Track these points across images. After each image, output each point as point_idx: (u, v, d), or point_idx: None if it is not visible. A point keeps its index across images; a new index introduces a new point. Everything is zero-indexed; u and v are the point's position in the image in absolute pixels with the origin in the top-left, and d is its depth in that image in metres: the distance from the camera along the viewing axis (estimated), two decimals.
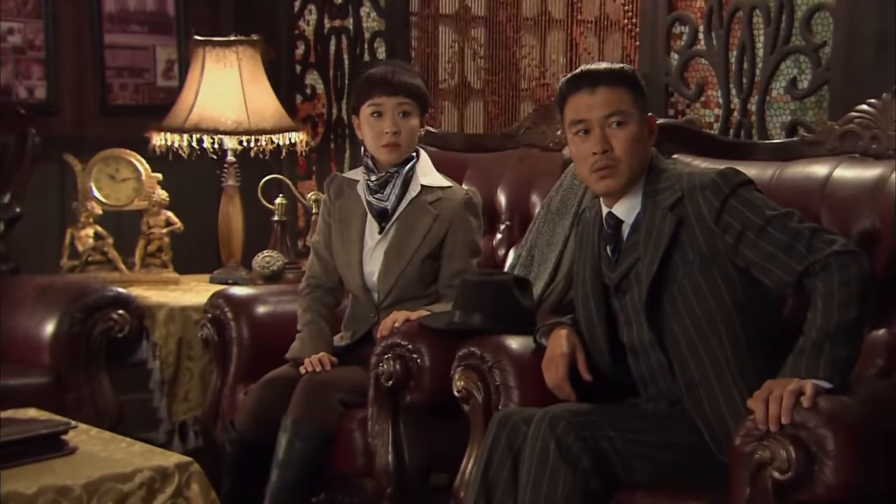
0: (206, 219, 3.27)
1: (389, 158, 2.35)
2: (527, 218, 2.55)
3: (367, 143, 2.36)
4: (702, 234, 1.77)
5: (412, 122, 2.34)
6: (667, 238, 1.78)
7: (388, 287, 2.36)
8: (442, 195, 2.37)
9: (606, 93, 1.82)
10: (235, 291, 2.67)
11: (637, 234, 1.83)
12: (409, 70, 2.38)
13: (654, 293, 1.78)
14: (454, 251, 2.34)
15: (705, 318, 1.76)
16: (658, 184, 1.83)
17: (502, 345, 2.03)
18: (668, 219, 1.79)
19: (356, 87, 2.37)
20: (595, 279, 1.89)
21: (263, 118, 3.11)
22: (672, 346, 1.79)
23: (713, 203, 1.77)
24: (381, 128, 2.31)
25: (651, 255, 1.79)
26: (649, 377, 1.86)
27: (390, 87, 2.31)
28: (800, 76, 2.51)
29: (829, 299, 1.65)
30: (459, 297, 2.17)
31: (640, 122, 1.85)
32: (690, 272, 1.77)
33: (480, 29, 3.22)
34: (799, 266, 1.71)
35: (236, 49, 3.12)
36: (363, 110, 2.34)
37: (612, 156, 1.83)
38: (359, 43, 3.52)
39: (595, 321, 1.89)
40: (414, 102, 2.33)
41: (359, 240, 2.38)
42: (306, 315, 2.43)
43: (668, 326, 1.79)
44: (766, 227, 1.74)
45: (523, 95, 3.14)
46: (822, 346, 1.64)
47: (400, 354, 2.17)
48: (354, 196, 2.42)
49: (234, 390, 2.56)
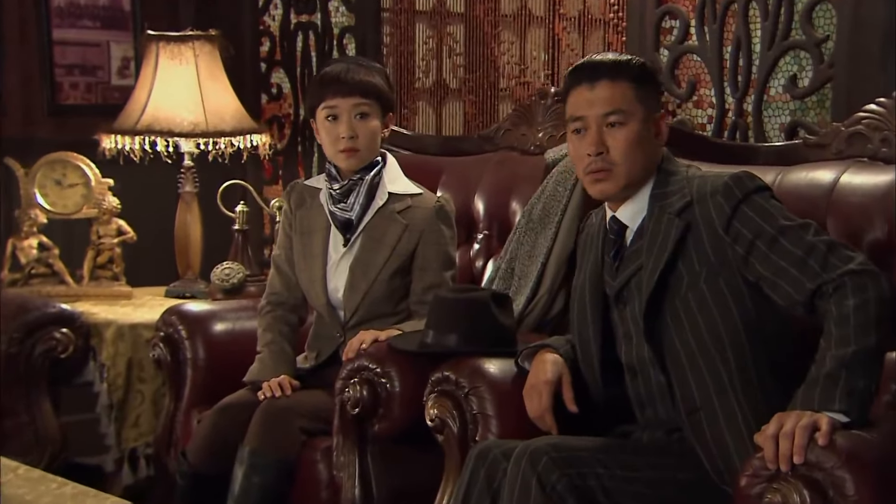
0: (162, 228, 3.17)
1: (348, 164, 2.24)
2: (506, 227, 2.48)
3: (324, 148, 2.25)
4: (710, 241, 1.68)
5: (371, 124, 2.22)
6: (672, 245, 1.68)
7: (355, 304, 2.25)
8: (412, 203, 2.26)
9: (607, 87, 1.73)
10: (190, 307, 2.55)
11: (641, 240, 1.74)
12: (367, 66, 2.25)
13: (654, 305, 1.69)
14: (426, 264, 2.23)
15: (709, 334, 1.67)
16: (667, 187, 1.74)
17: (480, 369, 1.93)
18: (674, 224, 1.70)
19: (310, 87, 2.27)
20: (595, 288, 1.80)
21: (222, 119, 3.01)
22: (672, 363, 1.69)
23: (724, 209, 1.67)
24: (338, 132, 2.20)
25: (654, 263, 1.70)
26: (647, 399, 1.76)
27: (345, 87, 2.19)
28: (800, 73, 2.42)
29: (843, 324, 1.54)
30: (432, 315, 2.06)
31: (644, 122, 1.75)
32: (695, 283, 1.68)
33: (458, 25, 3.13)
34: (811, 284, 1.61)
35: (192, 45, 3.01)
36: (318, 113, 2.23)
37: (608, 158, 1.73)
38: (327, 39, 3.43)
39: (590, 336, 1.80)
40: (373, 102, 2.21)
41: (322, 253, 2.27)
42: (266, 335, 2.31)
43: (669, 342, 1.69)
44: (779, 238, 1.64)
45: (502, 95, 3.07)
46: (838, 376, 1.52)
47: (367, 379, 2.06)
48: (317, 206, 2.30)
49: (188, 415, 2.45)
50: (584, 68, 1.76)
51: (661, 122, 1.76)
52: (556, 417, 1.81)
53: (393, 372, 2.04)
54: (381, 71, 2.28)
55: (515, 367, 1.93)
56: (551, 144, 2.49)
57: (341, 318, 2.28)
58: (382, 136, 2.27)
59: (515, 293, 2.32)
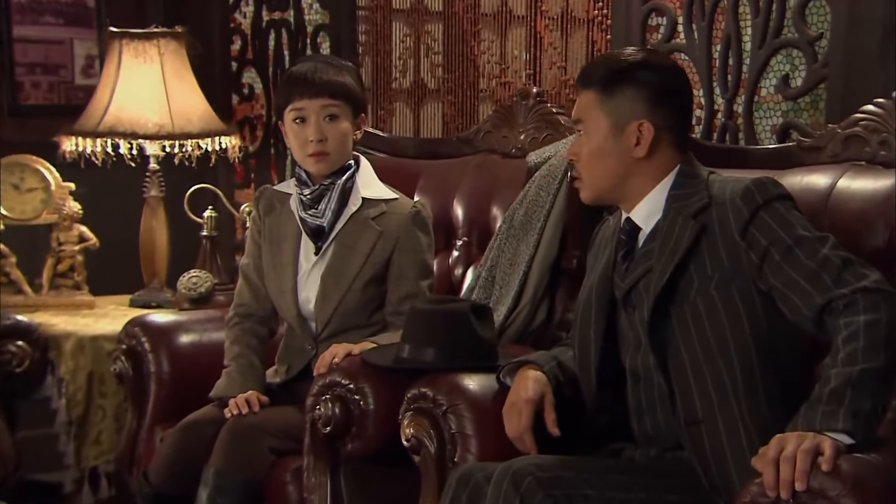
0: (126, 234, 3.08)
1: (318, 169, 2.17)
2: (487, 233, 2.42)
3: (293, 152, 2.19)
4: (725, 246, 1.63)
5: (341, 126, 2.15)
6: (685, 247, 1.63)
7: (327, 316, 2.18)
8: (386, 209, 2.19)
9: (581, 96, 1.72)
10: (154, 318, 2.48)
11: (653, 241, 1.69)
12: (337, 65, 2.18)
13: (661, 308, 1.64)
14: (402, 273, 2.17)
15: (717, 341, 1.61)
16: (685, 189, 1.69)
17: (459, 385, 1.85)
18: (689, 226, 1.65)
19: (278, 88, 2.21)
20: (603, 290, 1.75)
21: (189, 120, 2.93)
22: (676, 370, 1.64)
23: (742, 212, 1.62)
24: (306, 135, 2.13)
25: (664, 265, 1.65)
26: (647, 407, 1.70)
27: (312, 88, 2.12)
28: (793, 73, 2.35)
29: (852, 341, 1.47)
30: (408, 328, 1.99)
31: (611, 132, 1.69)
32: (706, 289, 1.62)
33: (436, 23, 3.07)
34: (820, 299, 1.55)
35: (157, 42, 2.93)
36: (286, 115, 2.16)
37: (577, 167, 1.74)
38: (300, 38, 3.35)
39: (591, 339, 1.74)
40: (342, 103, 2.15)
41: (292, 262, 2.20)
42: (234, 348, 2.24)
43: (675, 349, 1.63)
44: (794, 248, 1.58)
45: (482, 96, 3.02)
46: (843, 395, 1.44)
47: (339, 396, 1.98)
48: (286, 212, 2.23)
49: (151, 432, 2.38)
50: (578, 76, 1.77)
51: (642, 131, 1.68)
52: (537, 438, 1.73)
53: (367, 388, 1.97)
54: (352, 70, 2.22)
55: (497, 384, 1.86)
56: (533, 147, 2.44)
57: (313, 329, 2.21)
58: (354, 139, 2.20)
59: (496, 303, 2.27)
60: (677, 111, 1.72)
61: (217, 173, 3.34)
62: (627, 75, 1.69)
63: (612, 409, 1.74)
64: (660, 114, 1.69)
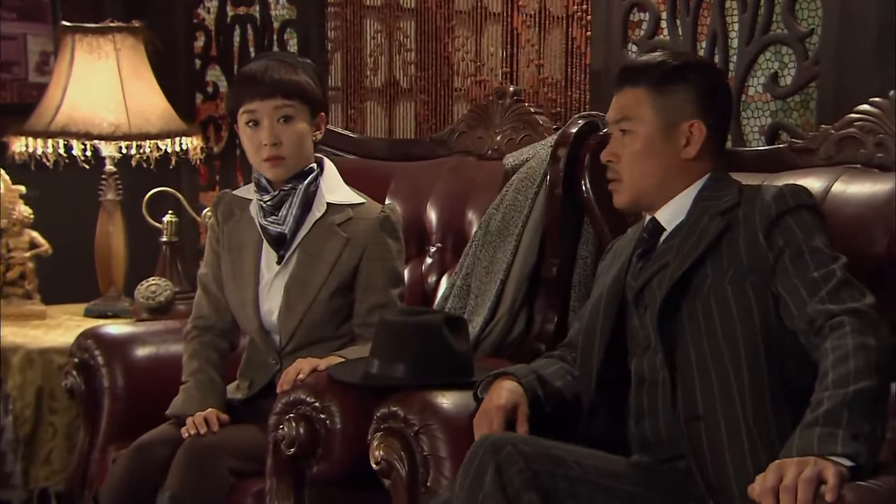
0: (81, 240, 3.00)
1: (274, 174, 2.10)
2: (462, 239, 2.38)
3: (248, 157, 2.12)
4: (745, 242, 1.63)
5: (297, 128, 2.08)
6: (707, 242, 1.63)
7: (291, 328, 2.10)
8: (353, 214, 2.12)
9: (627, 93, 1.72)
10: (109, 330, 2.39)
11: (674, 239, 1.69)
12: (291, 63, 2.11)
13: (673, 303, 1.63)
14: (370, 282, 2.10)
15: (725, 339, 1.59)
16: (716, 191, 1.70)
17: (432, 404, 1.79)
18: (715, 222, 1.65)
19: (229, 90, 2.16)
20: (615, 291, 1.74)
21: (147, 120, 2.86)
22: (681, 367, 1.62)
23: (770, 212, 1.62)
24: (259, 139, 2.06)
25: (681, 259, 1.64)
26: (649, 410, 1.67)
27: (264, 88, 2.05)
28: (782, 71, 2.30)
29: (841, 364, 1.45)
30: (378, 342, 1.92)
31: (662, 131, 1.70)
32: (720, 283, 1.62)
33: (409, 19, 3.01)
34: (811, 310, 1.55)
35: (113, 38, 2.85)
36: (239, 118, 2.10)
37: (616, 168, 1.72)
38: (267, 34, 3.28)
39: (596, 339, 1.71)
40: (297, 103, 2.07)
41: (253, 272, 2.12)
42: (192, 363, 2.16)
43: (683, 345, 1.62)
44: (806, 255, 1.59)
45: (457, 95, 2.96)
46: (839, 416, 1.39)
47: (304, 414, 1.91)
48: (246, 219, 2.15)
49: (105, 452, 2.30)
50: (618, 73, 1.76)
51: (693, 131, 1.69)
52: None
53: (333, 406, 1.90)
54: (309, 67, 2.15)
55: (474, 401, 1.79)
56: (510, 148, 2.40)
57: (276, 343, 2.13)
58: (314, 140, 2.13)
59: (471, 313, 2.22)
60: (722, 114, 1.74)
61: (180, 175, 3.27)
62: (680, 73, 1.70)
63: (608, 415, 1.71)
64: (708, 115, 1.70)
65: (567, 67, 2.57)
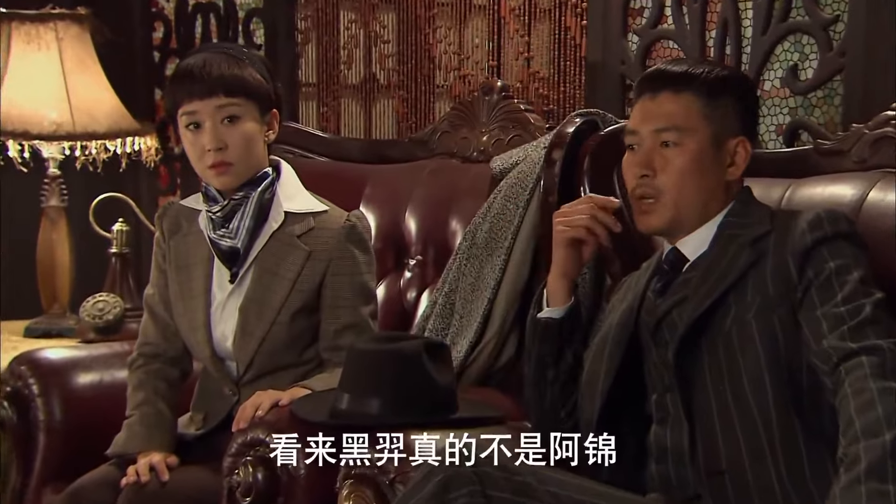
0: (21, 251, 2.92)
1: (221, 183, 1.96)
2: (444, 251, 2.30)
3: (192, 164, 1.99)
4: (773, 271, 1.53)
5: (244, 129, 1.94)
6: (735, 274, 1.55)
7: (249, 355, 1.96)
8: (315, 224, 1.98)
9: (669, 100, 1.61)
10: (47, 355, 2.25)
11: (695, 270, 1.61)
12: (234, 55, 1.97)
13: (692, 341, 1.55)
14: (337, 299, 1.96)
15: (751, 381, 1.51)
16: (744, 217, 1.61)
17: (410, 446, 1.64)
18: (744, 253, 1.56)
19: (165, 88, 2.06)
20: (625, 325, 1.66)
21: (94, 118, 2.74)
22: (700, 413, 1.54)
23: (804, 238, 1.52)
24: (202, 143, 1.93)
25: (706, 292, 1.56)
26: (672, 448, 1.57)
27: (203, 86, 1.91)
28: (802, 63, 2.19)
29: (867, 410, 1.35)
30: (348, 373, 1.78)
31: (712, 144, 1.60)
32: (743, 317, 1.53)
33: (387, 8, 2.92)
34: (828, 349, 1.45)
35: (55, 26, 2.73)
36: (178, 121, 1.96)
37: (655, 183, 1.60)
38: (231, 24, 3.17)
39: (600, 374, 1.64)
40: (243, 101, 1.93)
41: (203, 292, 1.98)
42: (138, 394, 2.02)
43: (701, 387, 1.55)
44: (835, 286, 1.48)
45: (439, 91, 2.88)
46: (884, 469, 1.31)
47: (262, 457, 1.77)
48: (195, 232, 2.01)
49: (39, 493, 2.17)
50: (650, 76, 1.67)
51: (739, 149, 1.61)
52: None
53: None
54: (256, 58, 2.00)
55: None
56: (498, 150, 2.31)
57: (233, 371, 1.98)
58: (266, 141, 1.98)
59: (456, 335, 2.13)
60: (756, 134, 1.70)
61: (138, 179, 3.16)
62: (730, 84, 1.62)
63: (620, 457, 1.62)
64: (749, 133, 1.64)
65: (560, 60, 2.47)
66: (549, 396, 1.69)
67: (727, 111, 1.60)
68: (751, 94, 1.66)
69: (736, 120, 1.60)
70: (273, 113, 1.97)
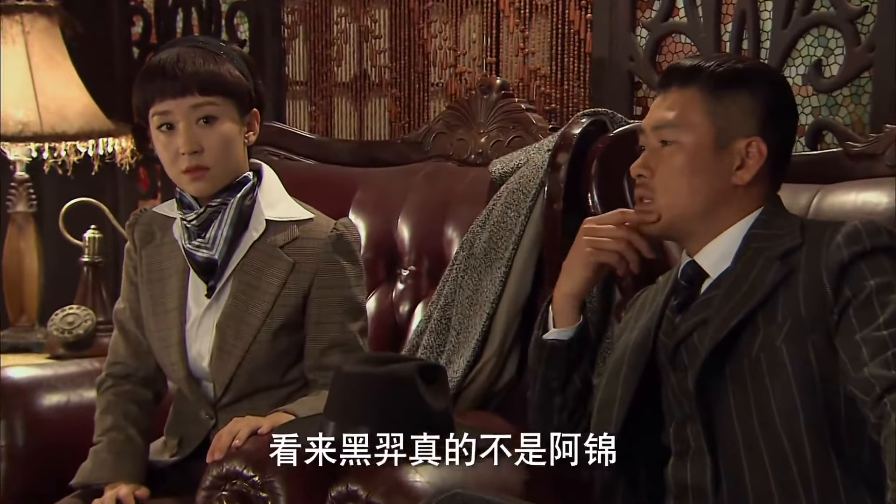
0: None
1: (197, 189, 1.89)
2: (440, 262, 2.25)
3: (165, 169, 1.92)
4: (806, 290, 1.45)
5: (222, 130, 1.87)
6: (763, 293, 1.46)
7: (227, 376, 1.89)
8: (299, 233, 1.91)
9: (673, 96, 1.55)
10: (9, 374, 2.20)
11: (718, 288, 1.52)
12: (210, 50, 1.89)
13: (715, 366, 1.48)
14: (323, 315, 1.90)
15: (781, 413, 1.43)
16: (771, 228, 1.52)
17: (402, 482, 1.60)
18: (773, 268, 1.47)
19: (135, 85, 1.95)
20: (641, 348, 1.59)
21: (63, 118, 2.65)
22: (724, 445, 1.47)
23: (840, 253, 1.43)
24: (175, 146, 1.86)
25: (729, 312, 1.47)
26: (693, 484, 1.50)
27: (176, 84, 1.84)
28: (827, 58, 2.15)
29: None
30: (334, 398, 1.70)
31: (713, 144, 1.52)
32: (772, 341, 1.45)
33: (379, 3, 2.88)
34: (870, 377, 1.36)
35: (21, 18, 2.65)
36: (150, 121, 1.90)
37: (650, 184, 1.53)
38: (213, 18, 3.11)
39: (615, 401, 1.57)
40: (220, 99, 1.86)
41: (178, 307, 1.91)
42: (106, 419, 1.95)
43: (726, 420, 1.47)
44: (875, 307, 1.39)
45: (434, 90, 2.86)
46: None
47: (240, 492, 1.71)
48: (169, 242, 1.95)
49: None
50: (664, 73, 1.62)
51: (750, 151, 1.52)
52: None
53: (276, 483, 1.68)
54: (234, 53, 1.93)
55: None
56: (497, 153, 2.27)
57: (210, 393, 1.91)
58: (246, 143, 1.92)
59: (452, 353, 2.09)
60: (786, 137, 1.56)
61: (116, 182, 3.08)
62: (744, 78, 1.52)
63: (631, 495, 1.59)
64: (770, 134, 1.52)
65: (563, 56, 2.44)
66: (555, 424, 1.60)
67: (737, 107, 1.51)
68: (773, 90, 1.54)
69: (749, 117, 1.51)
70: (253, 112, 1.90)
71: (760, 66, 1.65)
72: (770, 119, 1.51)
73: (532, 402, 1.63)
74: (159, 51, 1.89)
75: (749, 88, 1.51)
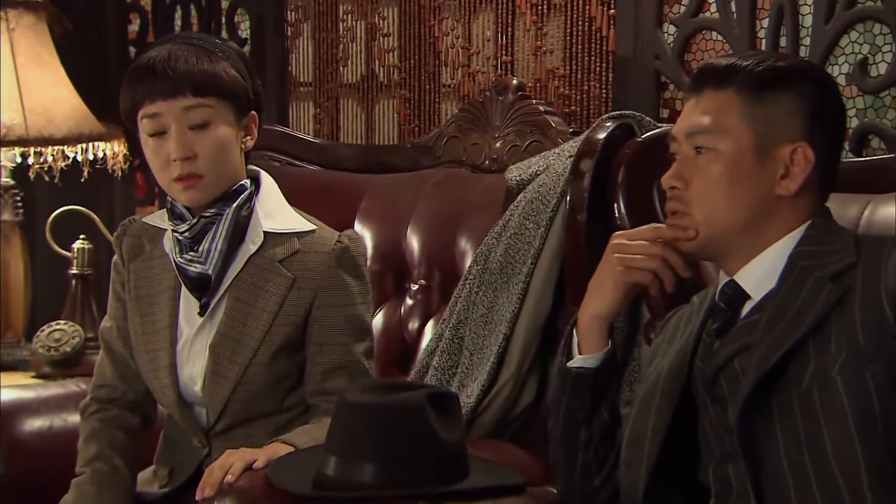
0: None
1: (189, 198, 1.82)
2: (452, 275, 2.22)
3: (156, 176, 1.86)
4: (863, 315, 1.37)
5: (217, 135, 1.80)
6: (815, 316, 1.37)
7: (221, 401, 1.82)
8: (300, 246, 1.85)
9: (708, 99, 1.47)
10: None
11: (762, 312, 1.43)
12: (204, 47, 1.83)
13: (760, 398, 1.39)
14: (325, 335, 1.84)
15: (837, 451, 1.34)
16: (820, 245, 1.43)
17: None
18: (825, 290, 1.39)
19: (123, 85, 1.88)
20: (676, 375, 1.50)
21: (51, 121, 2.63)
22: (771, 488, 1.38)
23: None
24: (166, 152, 1.80)
25: (777, 339, 1.39)
26: None
27: (166, 84, 1.77)
28: (874, 56, 2.08)
29: None
30: (335, 431, 1.61)
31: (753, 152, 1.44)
32: (826, 372, 1.36)
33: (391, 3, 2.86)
34: None
35: (5, 14, 2.65)
36: (139, 124, 1.83)
37: (684, 197, 1.46)
38: (213, 15, 3.09)
39: (646, 434, 1.49)
40: (215, 101, 1.80)
41: (168, 326, 1.85)
42: (90, 447, 1.89)
43: (774, 458, 1.38)
44: None
45: (446, 91, 2.83)
46: None
47: None
48: (160, 255, 1.88)
49: None
50: (696, 73, 1.54)
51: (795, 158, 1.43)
52: None
53: None
54: (231, 51, 1.86)
55: None
56: (514, 158, 2.23)
57: (203, 420, 1.84)
58: (243, 148, 1.85)
59: (465, 376, 2.02)
60: (835, 142, 1.48)
61: (112, 189, 3.07)
62: (787, 78, 1.44)
63: None
64: (817, 139, 1.43)
65: (583, 55, 2.40)
66: (580, 460, 1.50)
67: (780, 110, 1.43)
68: (819, 90, 1.46)
69: (793, 121, 1.42)
70: (251, 115, 1.84)
71: (804, 65, 1.57)
72: (816, 122, 1.42)
73: (554, 436, 1.53)
74: (149, 48, 1.82)
75: (792, 89, 1.42)
